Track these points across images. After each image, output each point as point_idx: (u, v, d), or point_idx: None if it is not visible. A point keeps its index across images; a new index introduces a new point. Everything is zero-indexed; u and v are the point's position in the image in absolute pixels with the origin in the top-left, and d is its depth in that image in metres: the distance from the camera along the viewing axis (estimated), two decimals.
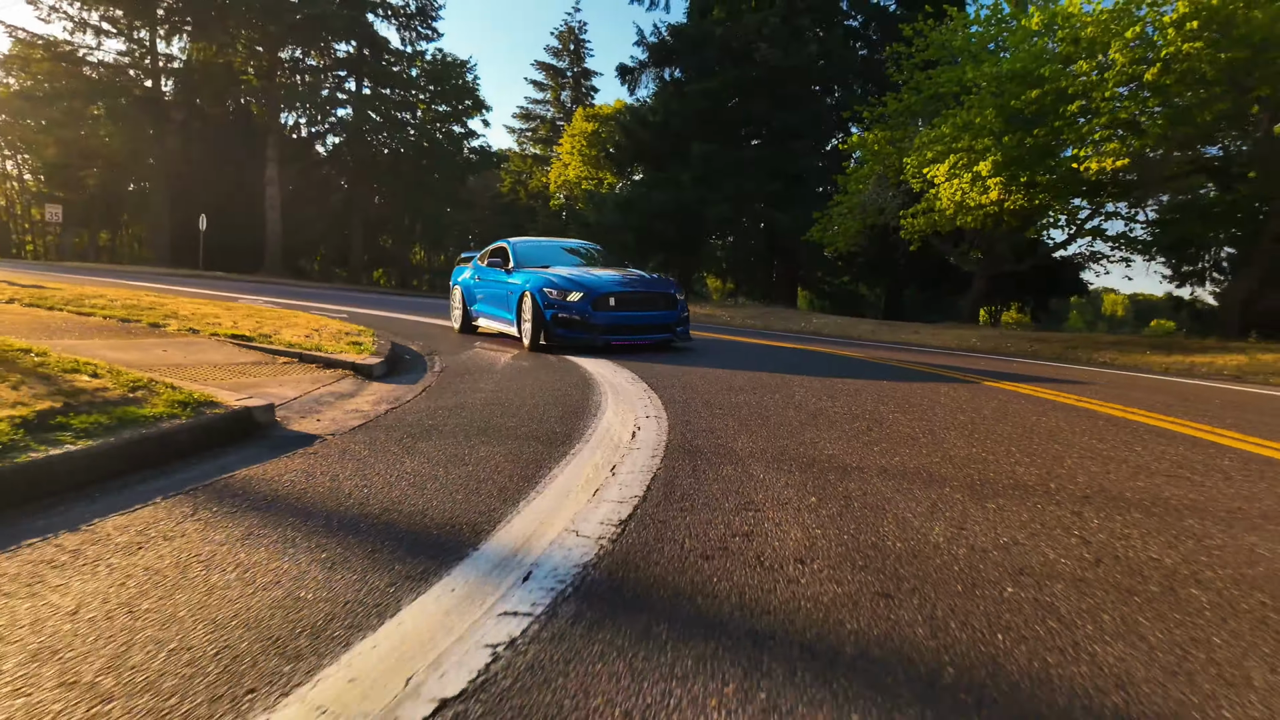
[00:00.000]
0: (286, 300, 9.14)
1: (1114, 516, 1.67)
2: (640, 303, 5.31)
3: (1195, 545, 1.49)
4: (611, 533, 1.45)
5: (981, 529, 1.52)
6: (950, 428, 2.68)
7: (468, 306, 6.48)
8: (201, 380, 2.68)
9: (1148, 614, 1.17)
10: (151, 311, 5.08)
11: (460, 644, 1.00)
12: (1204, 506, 1.78)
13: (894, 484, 1.85)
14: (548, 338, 4.98)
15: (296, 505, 1.59)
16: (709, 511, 1.59)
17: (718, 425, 2.54)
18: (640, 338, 5.24)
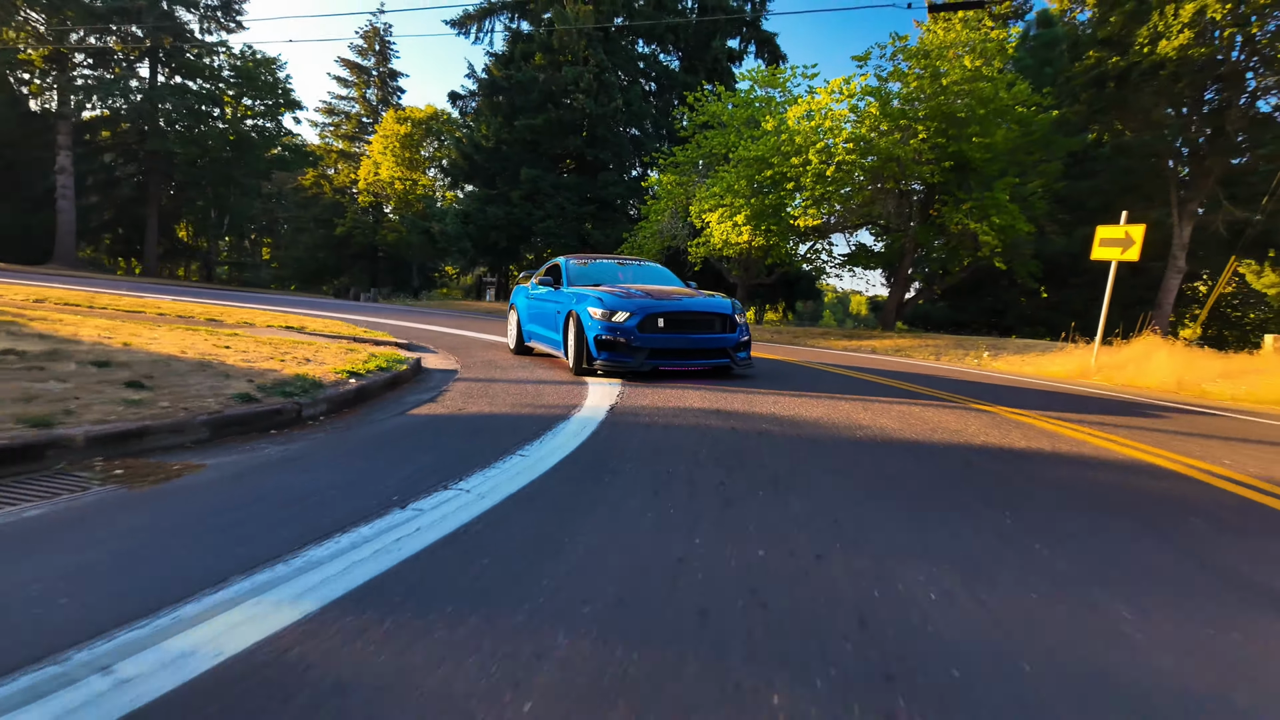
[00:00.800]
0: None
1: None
2: (693, 324, 5.00)
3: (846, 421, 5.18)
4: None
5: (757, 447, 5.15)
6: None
7: (521, 327, 6.38)
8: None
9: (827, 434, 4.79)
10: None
11: (584, 433, 3.92)
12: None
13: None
14: (590, 361, 4.79)
15: (461, 411, 3.40)
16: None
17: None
18: (692, 363, 5.02)
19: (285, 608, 1.22)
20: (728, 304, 5.27)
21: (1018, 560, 1.63)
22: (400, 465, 2.17)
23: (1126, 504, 2.25)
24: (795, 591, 1.38)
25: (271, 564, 1.38)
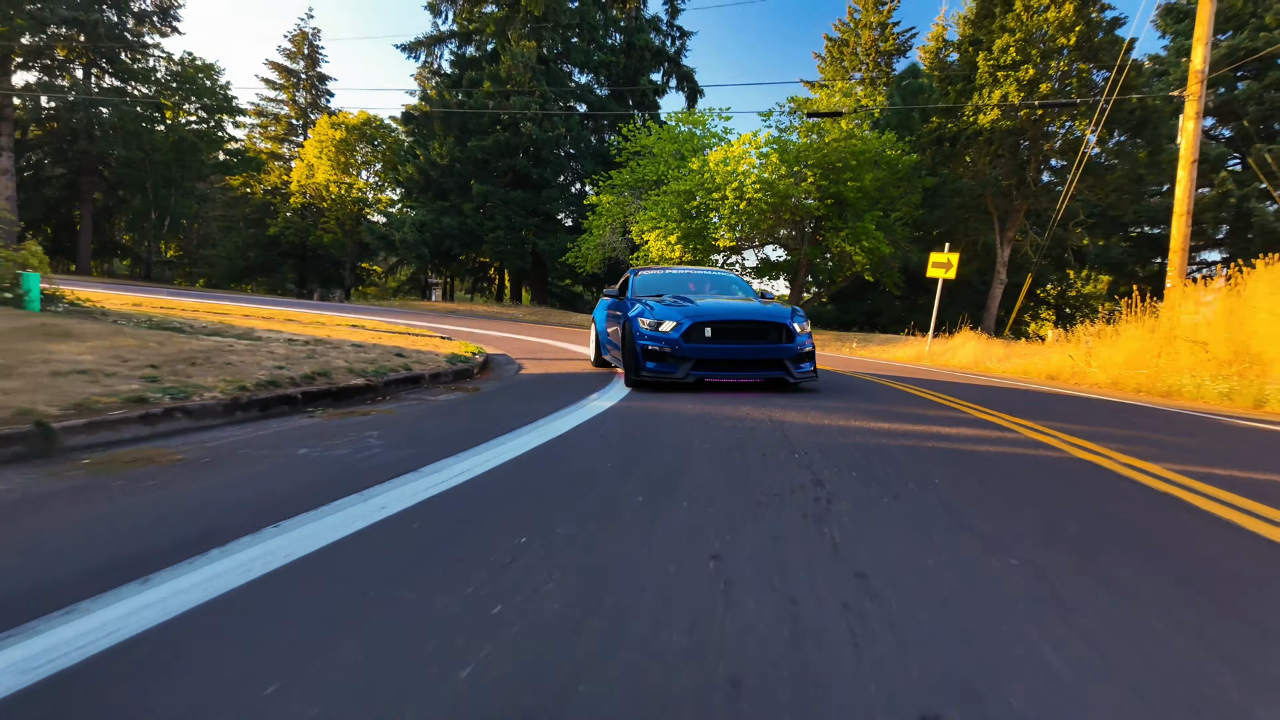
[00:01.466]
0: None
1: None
2: (743, 333, 4.76)
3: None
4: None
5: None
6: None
7: (599, 341, 6.37)
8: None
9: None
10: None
11: (607, 405, 4.08)
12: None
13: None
14: (639, 372, 4.71)
15: (508, 396, 4.20)
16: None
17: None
18: (740, 374, 4.78)
19: (528, 443, 2.60)
20: (786, 312, 5.03)
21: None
22: (540, 399, 4.00)
23: (906, 414, 5.44)
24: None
25: (516, 430, 2.86)
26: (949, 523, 1.74)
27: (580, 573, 1.35)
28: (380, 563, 1.38)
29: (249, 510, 1.64)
